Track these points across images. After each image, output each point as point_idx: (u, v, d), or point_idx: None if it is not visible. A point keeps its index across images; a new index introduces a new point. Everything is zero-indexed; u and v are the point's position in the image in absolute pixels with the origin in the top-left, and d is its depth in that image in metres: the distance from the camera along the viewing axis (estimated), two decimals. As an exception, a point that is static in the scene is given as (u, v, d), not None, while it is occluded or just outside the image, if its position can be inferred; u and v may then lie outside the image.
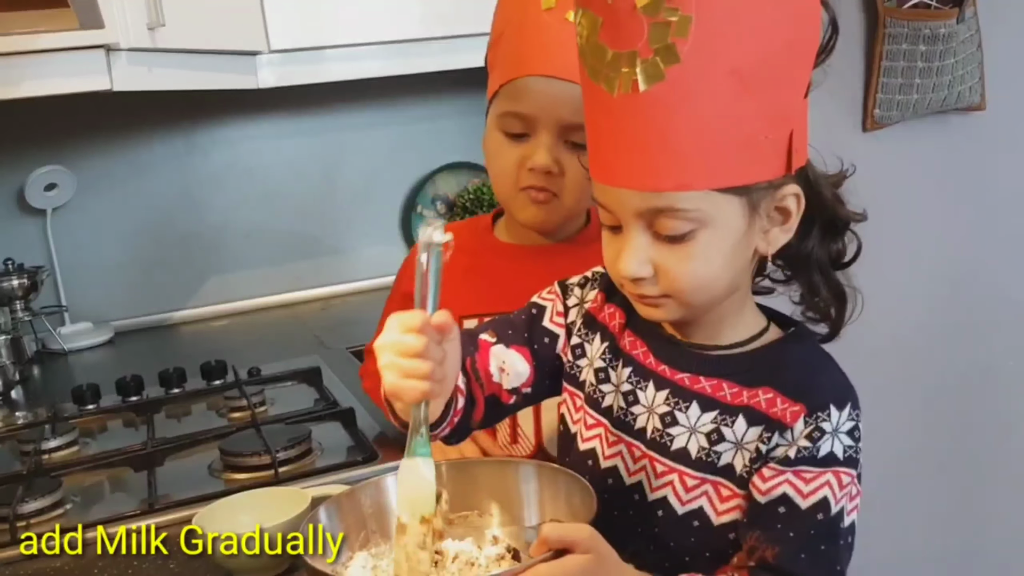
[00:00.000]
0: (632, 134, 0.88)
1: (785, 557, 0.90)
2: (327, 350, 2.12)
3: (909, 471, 2.16)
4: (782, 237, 0.94)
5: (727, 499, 0.95)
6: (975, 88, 2.07)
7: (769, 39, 0.86)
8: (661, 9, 0.83)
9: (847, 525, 0.92)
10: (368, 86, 2.38)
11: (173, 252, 2.52)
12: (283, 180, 2.59)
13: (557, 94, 1.24)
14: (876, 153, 2.05)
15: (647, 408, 1.00)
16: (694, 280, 0.92)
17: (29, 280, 2.26)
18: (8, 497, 1.38)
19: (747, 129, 0.87)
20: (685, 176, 0.87)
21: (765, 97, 0.87)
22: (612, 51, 0.86)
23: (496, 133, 1.31)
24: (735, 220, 0.90)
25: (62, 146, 2.38)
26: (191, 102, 2.40)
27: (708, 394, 0.97)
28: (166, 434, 1.65)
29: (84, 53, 1.83)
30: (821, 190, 0.96)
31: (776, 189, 0.91)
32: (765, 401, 0.94)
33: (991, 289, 2.16)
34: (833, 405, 0.92)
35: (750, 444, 0.93)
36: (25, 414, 1.93)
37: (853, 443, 0.92)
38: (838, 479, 0.91)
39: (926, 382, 2.14)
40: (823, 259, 0.99)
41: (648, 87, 0.85)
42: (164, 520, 1.34)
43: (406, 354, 0.87)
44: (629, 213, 0.91)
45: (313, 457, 1.50)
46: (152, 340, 2.42)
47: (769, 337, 1.00)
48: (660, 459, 0.98)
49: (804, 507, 0.90)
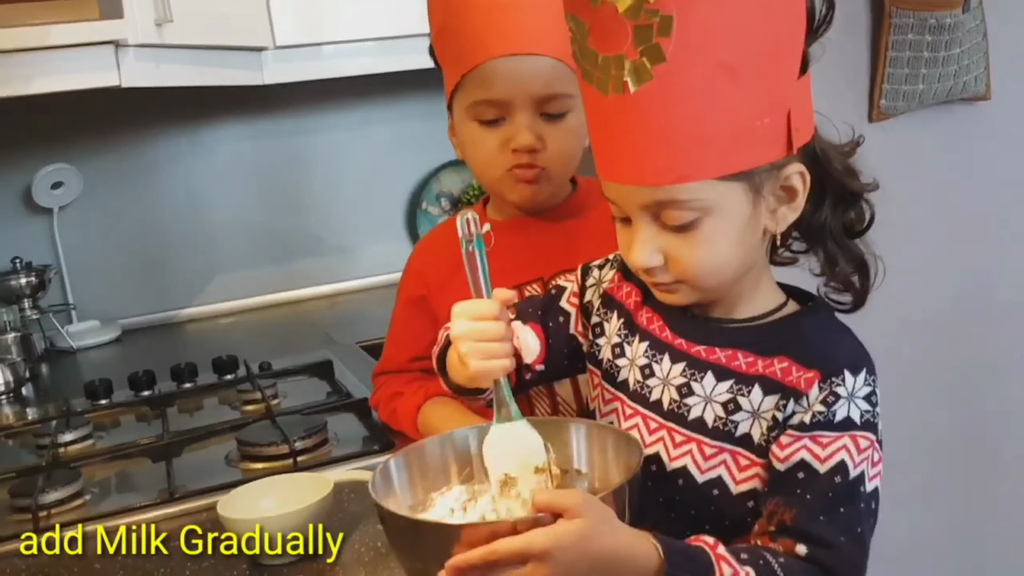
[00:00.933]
0: (628, 132, 0.90)
1: (803, 519, 0.90)
2: (337, 345, 2.13)
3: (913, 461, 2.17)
4: (790, 215, 0.96)
5: (745, 468, 0.96)
6: (980, 78, 2.08)
7: (753, 29, 0.87)
8: (641, 12, 0.84)
9: (869, 490, 0.92)
10: (372, 82, 2.39)
11: (179, 250, 2.52)
12: (288, 177, 2.59)
13: (525, 71, 1.24)
14: (882, 143, 2.05)
15: (663, 380, 1.01)
16: (704, 266, 0.94)
17: (37, 278, 2.27)
18: (30, 488, 1.38)
19: (741, 118, 0.89)
20: (683, 168, 0.89)
21: (756, 85, 0.88)
22: (601, 55, 0.88)
23: (469, 124, 1.30)
24: (739, 205, 0.92)
25: (68, 145, 2.39)
26: (196, 100, 2.41)
27: (723, 364, 0.98)
28: (180, 427, 1.65)
29: (93, 49, 1.84)
30: (831, 163, 0.97)
31: (779, 170, 0.93)
32: (780, 370, 0.95)
33: (998, 278, 2.17)
34: (847, 370, 0.92)
35: (767, 413, 0.94)
36: (37, 410, 1.94)
37: (870, 407, 0.93)
38: (855, 443, 0.91)
39: (937, 368, 2.15)
40: (837, 228, 1.00)
41: (637, 87, 0.87)
42: (184, 508, 1.34)
43: (486, 339, 0.96)
44: (634, 207, 0.94)
45: (330, 447, 1.50)
46: (159, 338, 2.43)
47: (787, 311, 1.01)
48: (678, 429, 0.99)
49: (822, 471, 0.90)
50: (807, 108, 0.95)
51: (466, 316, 0.97)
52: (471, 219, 0.98)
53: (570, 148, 1.30)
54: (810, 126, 0.95)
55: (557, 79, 1.25)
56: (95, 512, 1.35)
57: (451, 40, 1.29)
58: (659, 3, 0.84)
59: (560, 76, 1.25)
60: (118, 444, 1.61)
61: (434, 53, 1.36)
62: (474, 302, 0.98)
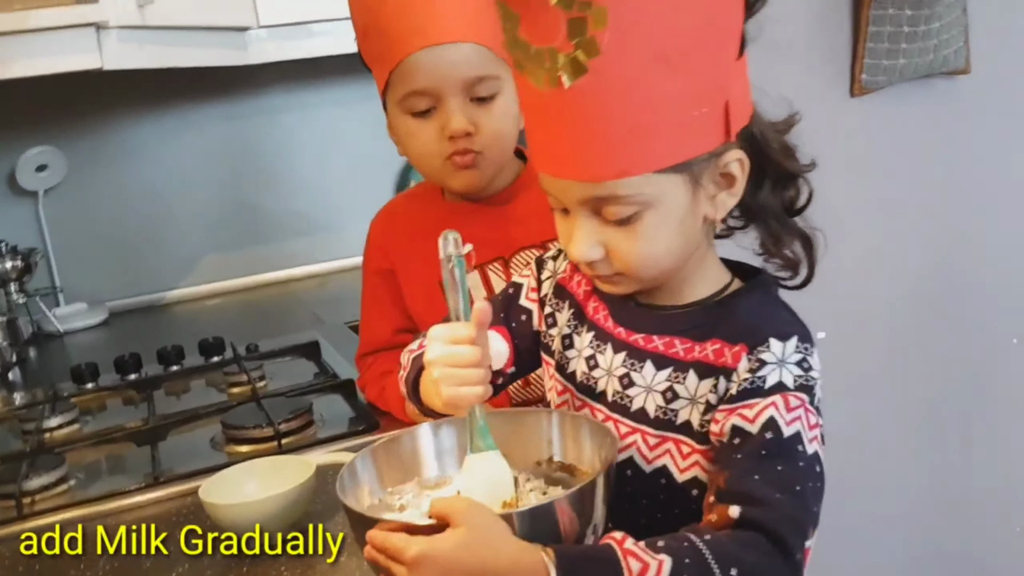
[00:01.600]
0: (565, 127, 0.88)
1: (736, 479, 0.88)
2: (325, 325, 2.13)
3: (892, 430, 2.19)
4: (730, 201, 0.95)
5: (688, 456, 0.95)
6: (960, 52, 2.08)
7: (689, 18, 0.85)
8: (575, 3, 0.82)
9: (808, 452, 0.88)
10: (357, 60, 2.38)
11: (166, 231, 2.52)
12: (275, 157, 2.59)
13: (448, 59, 1.27)
14: (864, 118, 2.06)
15: (607, 371, 1.02)
16: (645, 258, 0.94)
17: (23, 262, 2.27)
18: (13, 474, 1.39)
19: (679, 109, 0.87)
20: (622, 164, 0.88)
21: (693, 75, 0.87)
22: (534, 46, 0.86)
23: (402, 117, 1.33)
24: (679, 196, 0.91)
25: (52, 127, 2.38)
26: (181, 80, 2.40)
27: (661, 352, 0.98)
28: (166, 410, 1.66)
29: (74, 31, 1.83)
30: (769, 144, 0.96)
31: (718, 157, 0.92)
32: (713, 352, 0.95)
33: (978, 249, 2.18)
34: (773, 338, 0.92)
35: (702, 397, 0.94)
36: (24, 395, 1.94)
37: (803, 372, 0.91)
38: (785, 400, 0.89)
39: (915, 341, 2.17)
40: (776, 207, 1.00)
41: (573, 81, 0.85)
42: (169, 492, 1.35)
43: (460, 364, 0.95)
44: (573, 201, 0.93)
45: (315, 428, 1.51)
46: (147, 320, 2.43)
47: (727, 293, 1.01)
48: (622, 420, 0.99)
49: (755, 431, 0.89)
50: (745, 90, 0.94)
51: (441, 340, 0.96)
52: (454, 239, 0.97)
53: (504, 128, 1.33)
54: (748, 108, 0.95)
55: (481, 63, 1.28)
56: (79, 498, 1.36)
57: (374, 40, 1.33)
58: None
59: (484, 60, 1.28)
60: (103, 428, 1.61)
61: (362, 56, 1.39)
62: (451, 325, 0.96)
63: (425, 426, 1.07)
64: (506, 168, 1.39)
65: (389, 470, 1.04)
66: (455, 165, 1.32)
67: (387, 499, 1.02)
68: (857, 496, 2.12)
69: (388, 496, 1.02)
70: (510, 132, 1.34)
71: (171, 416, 1.61)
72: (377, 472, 1.02)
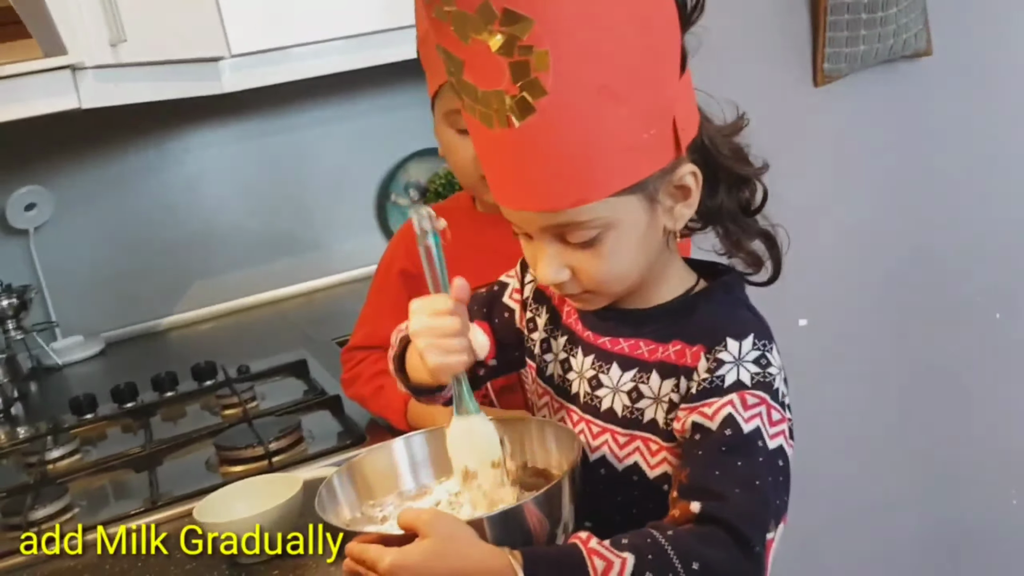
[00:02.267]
0: (520, 162, 0.91)
1: (696, 475, 0.90)
2: (314, 343, 2.17)
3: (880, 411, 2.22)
4: (687, 212, 0.98)
5: (656, 453, 0.98)
6: (920, 34, 2.12)
7: (628, 49, 0.88)
8: (515, 49, 0.85)
9: (770, 447, 0.90)
10: (332, 81, 2.42)
11: (156, 260, 2.56)
12: (256, 181, 2.63)
13: None
14: (829, 106, 2.10)
15: (578, 374, 1.05)
16: (610, 276, 0.96)
17: (18, 299, 2.32)
18: (18, 506, 1.44)
19: (628, 134, 0.90)
20: (578, 192, 0.90)
21: (638, 100, 0.89)
22: (481, 89, 0.89)
23: (447, 129, 1.38)
24: (636, 214, 0.94)
25: (38, 166, 2.43)
26: (159, 113, 2.44)
27: (626, 354, 1.01)
28: (163, 435, 1.71)
29: (50, 75, 1.88)
30: (719, 151, 0.99)
31: (670, 173, 0.95)
32: (674, 353, 0.98)
33: (949, 230, 2.22)
34: (730, 338, 0.94)
35: (665, 397, 0.97)
36: (26, 428, 1.99)
37: (760, 369, 0.93)
38: (742, 399, 0.91)
39: (895, 322, 2.20)
40: (733, 209, 1.02)
41: (522, 121, 0.87)
42: (167, 515, 1.40)
43: (443, 335, 0.97)
44: (535, 229, 0.96)
45: (305, 445, 1.56)
46: (142, 347, 2.48)
47: (694, 293, 1.03)
48: (594, 420, 1.03)
49: (714, 428, 0.91)
50: (691, 104, 0.97)
51: (423, 312, 0.98)
52: (427, 214, 0.99)
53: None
54: (695, 120, 0.97)
55: None
56: (82, 524, 1.40)
57: (432, 49, 1.34)
58: (532, 39, 0.84)
59: None
60: (103, 457, 1.66)
61: (420, 55, 1.43)
62: (430, 298, 0.99)
63: (398, 440, 1.11)
64: None
65: (368, 484, 1.08)
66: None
67: (368, 512, 1.06)
68: (846, 477, 2.16)
69: (369, 509, 1.06)
70: None
71: (167, 441, 1.66)
72: (355, 487, 1.06)
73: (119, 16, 1.91)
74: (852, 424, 2.19)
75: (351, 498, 1.05)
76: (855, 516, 2.22)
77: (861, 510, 2.22)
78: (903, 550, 2.28)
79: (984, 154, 2.24)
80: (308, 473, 1.31)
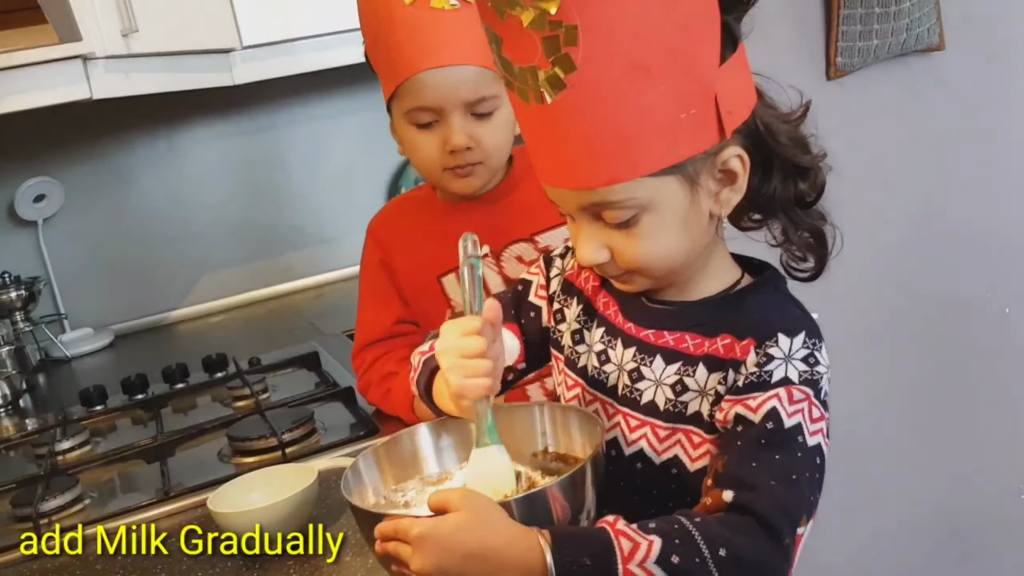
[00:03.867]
0: (554, 138, 0.91)
1: (733, 464, 0.89)
2: (323, 336, 2.17)
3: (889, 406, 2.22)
4: (734, 197, 0.95)
5: (699, 446, 0.97)
6: (933, 29, 2.11)
7: (662, 27, 0.87)
8: (546, 24, 0.85)
9: (809, 444, 0.90)
10: (341, 73, 2.42)
11: (164, 253, 2.56)
12: (267, 173, 2.63)
13: (454, 80, 1.34)
14: (841, 100, 2.09)
15: (617, 366, 1.03)
16: (650, 258, 0.95)
17: (27, 291, 2.32)
18: (29, 497, 1.43)
19: (663, 113, 0.88)
20: (611, 171, 0.89)
21: (673, 80, 0.88)
22: (517, 65, 0.89)
23: (407, 127, 1.40)
24: (676, 197, 0.92)
25: (47, 157, 2.43)
26: (169, 104, 2.44)
27: (671, 347, 0.99)
28: (174, 427, 1.70)
29: (62, 65, 1.88)
30: (776, 137, 0.96)
31: (715, 156, 0.92)
32: (723, 347, 0.96)
33: (959, 225, 2.20)
34: (781, 333, 0.93)
35: (711, 390, 0.96)
36: (35, 420, 1.98)
37: (808, 368, 0.92)
38: (788, 393, 0.90)
39: (900, 317, 2.20)
40: (787, 201, 0.99)
41: (554, 97, 0.88)
42: (180, 506, 1.39)
43: (468, 355, 0.96)
44: (573, 208, 0.95)
45: (317, 436, 1.55)
46: (152, 340, 2.48)
47: (740, 287, 1.01)
48: (632, 414, 1.01)
49: (756, 420, 0.90)
50: (740, 87, 0.94)
51: (451, 332, 0.98)
52: (472, 241, 1.01)
53: (501, 141, 1.40)
54: (747, 104, 0.94)
55: (483, 84, 1.35)
56: (93, 516, 1.40)
57: (383, 52, 1.38)
58: (561, 14, 0.84)
59: (486, 80, 1.34)
60: (114, 448, 1.65)
61: (368, 59, 1.45)
62: (461, 319, 0.98)
63: (424, 425, 1.11)
64: (499, 171, 1.46)
65: (391, 469, 1.07)
66: (455, 174, 1.40)
67: (391, 496, 1.05)
68: (855, 469, 2.15)
69: (392, 494, 1.06)
70: (507, 142, 1.42)
71: (179, 432, 1.65)
72: (380, 471, 1.06)
73: (131, 6, 1.91)
74: (861, 417, 2.18)
75: (376, 482, 1.05)
76: (863, 508, 2.21)
77: (869, 502, 2.21)
78: (911, 543, 2.27)
79: (996, 148, 2.23)
80: (322, 464, 1.30)
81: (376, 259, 1.53)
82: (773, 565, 0.88)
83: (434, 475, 1.08)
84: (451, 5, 1.31)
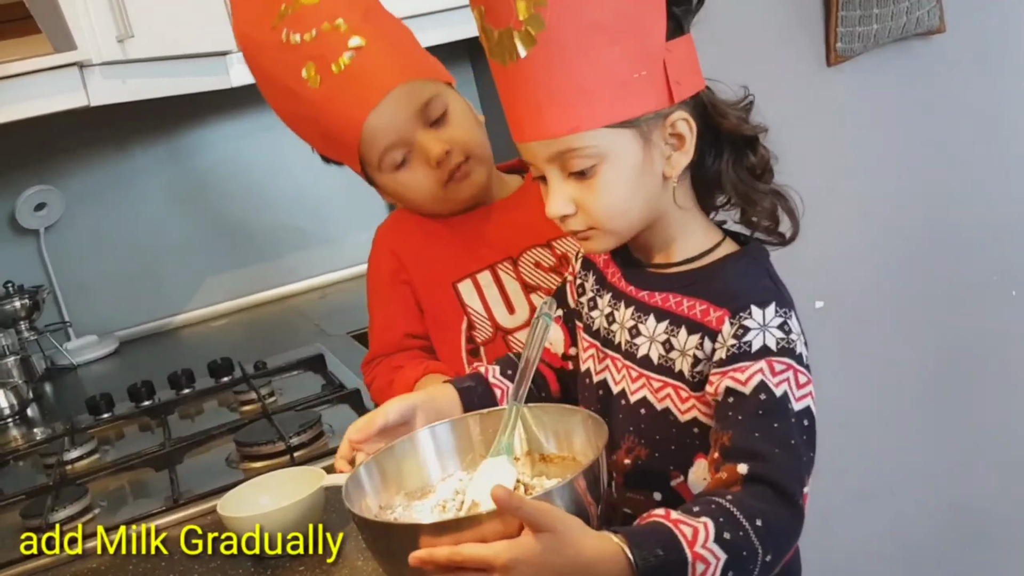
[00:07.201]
0: (525, 94, 1.03)
1: (740, 437, 0.97)
2: (329, 337, 2.17)
3: (897, 391, 2.21)
4: (683, 159, 1.05)
5: (686, 400, 1.06)
6: (933, 11, 2.10)
7: None
8: None
9: (798, 408, 0.98)
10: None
11: (167, 257, 2.56)
12: (266, 175, 2.63)
13: (392, 106, 1.36)
14: (843, 86, 2.08)
15: (620, 324, 1.13)
16: (607, 209, 1.05)
17: (30, 300, 2.31)
18: (39, 508, 1.43)
19: (619, 71, 1.00)
20: (573, 120, 1.01)
21: (628, 41, 1.00)
22: (497, 31, 1.02)
23: (390, 176, 1.41)
24: (631, 150, 1.03)
25: (47, 166, 2.42)
26: (169, 108, 2.43)
27: (660, 306, 1.09)
28: (181, 434, 1.69)
29: (58, 73, 1.87)
30: (721, 112, 1.07)
31: (664, 118, 1.03)
32: (700, 311, 1.05)
33: (964, 209, 2.20)
34: (754, 305, 1.01)
35: (690, 351, 1.04)
36: (43, 429, 1.98)
37: (784, 335, 1.00)
38: (770, 366, 0.99)
39: (906, 303, 2.19)
40: (742, 173, 1.09)
41: (527, 53, 1.00)
42: (189, 513, 1.38)
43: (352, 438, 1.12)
44: (542, 161, 1.05)
45: (325, 439, 1.55)
46: (157, 345, 2.47)
47: (720, 252, 1.10)
48: (633, 366, 1.11)
49: (748, 393, 0.99)
50: (687, 67, 1.05)
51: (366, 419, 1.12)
52: (552, 303, 1.15)
53: (469, 131, 1.42)
54: (693, 83, 1.05)
55: (418, 92, 1.37)
56: (103, 525, 1.39)
57: (330, 142, 1.43)
58: None
59: (419, 89, 1.37)
60: (122, 456, 1.64)
61: (329, 160, 1.51)
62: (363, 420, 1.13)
63: (424, 431, 1.11)
64: (491, 166, 1.46)
65: (395, 476, 1.08)
66: (455, 181, 1.40)
67: (381, 516, 1.05)
68: (863, 457, 2.14)
69: (381, 512, 1.05)
70: (476, 129, 1.43)
71: (186, 439, 1.65)
72: (381, 479, 1.07)
73: (126, 11, 1.90)
74: (869, 404, 2.18)
75: (377, 491, 1.06)
76: (871, 496, 2.20)
77: (877, 490, 2.21)
78: (919, 531, 2.26)
79: (998, 131, 2.22)
80: (330, 480, 1.28)
81: (388, 269, 1.50)
82: (794, 526, 0.96)
83: (416, 488, 1.09)
84: (349, 60, 1.34)
